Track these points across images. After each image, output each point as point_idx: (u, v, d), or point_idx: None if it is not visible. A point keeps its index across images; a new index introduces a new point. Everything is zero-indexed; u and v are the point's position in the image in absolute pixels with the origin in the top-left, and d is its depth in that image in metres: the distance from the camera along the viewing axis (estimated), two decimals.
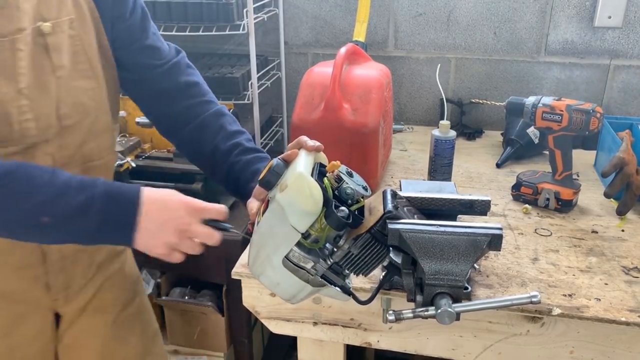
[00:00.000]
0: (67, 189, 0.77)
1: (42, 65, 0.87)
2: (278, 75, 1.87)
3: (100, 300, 1.07)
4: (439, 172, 1.35)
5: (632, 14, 1.65)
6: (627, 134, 1.33)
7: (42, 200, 0.75)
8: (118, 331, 1.10)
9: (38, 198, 0.75)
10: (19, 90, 0.83)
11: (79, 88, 0.92)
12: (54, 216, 0.76)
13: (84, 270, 1.02)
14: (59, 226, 0.77)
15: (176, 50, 1.07)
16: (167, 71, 1.03)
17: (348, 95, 1.26)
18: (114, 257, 1.10)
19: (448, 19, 1.78)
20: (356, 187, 0.79)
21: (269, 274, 0.78)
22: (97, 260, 1.05)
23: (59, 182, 0.77)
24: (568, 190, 1.24)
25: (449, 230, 0.74)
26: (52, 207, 0.76)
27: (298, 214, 0.73)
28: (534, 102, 1.23)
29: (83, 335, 1.06)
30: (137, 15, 1.01)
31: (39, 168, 0.78)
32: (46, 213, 0.75)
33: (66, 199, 0.76)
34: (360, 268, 0.77)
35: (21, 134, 0.84)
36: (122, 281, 1.12)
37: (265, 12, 1.74)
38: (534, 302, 0.73)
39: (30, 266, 0.94)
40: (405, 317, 0.76)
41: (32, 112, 0.85)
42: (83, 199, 0.76)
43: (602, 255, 1.07)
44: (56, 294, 0.99)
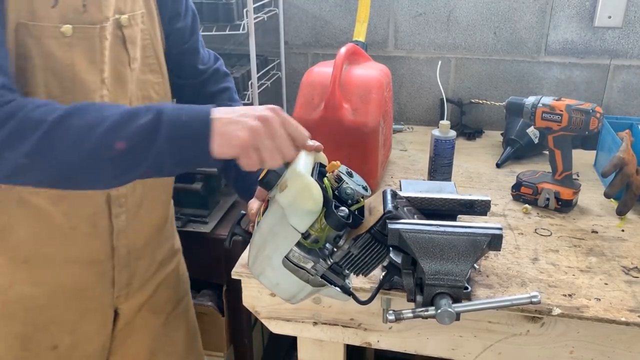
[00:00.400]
0: (135, 111, 0.72)
1: (120, 57, 0.89)
2: (278, 75, 1.87)
3: (156, 299, 1.10)
4: (439, 172, 1.35)
5: (632, 14, 1.65)
6: (627, 134, 1.33)
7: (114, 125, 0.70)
8: (167, 329, 1.14)
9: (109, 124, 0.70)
10: (102, 79, 0.85)
11: (147, 82, 0.94)
12: (128, 139, 0.70)
13: (147, 266, 1.05)
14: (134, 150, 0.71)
15: (215, 57, 1.11)
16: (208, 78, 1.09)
17: (348, 95, 1.26)
18: (171, 256, 1.13)
19: (448, 19, 1.78)
20: (356, 187, 0.79)
21: (268, 274, 0.78)
22: (158, 258, 1.08)
23: (126, 109, 0.73)
24: (568, 190, 1.24)
25: (449, 230, 0.74)
26: (124, 129, 0.70)
27: (298, 214, 0.73)
28: (533, 102, 1.23)
29: (136, 333, 1.09)
30: (189, 16, 1.04)
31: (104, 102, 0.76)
32: (120, 137, 0.70)
33: (136, 119, 0.71)
34: (360, 268, 0.77)
35: None
36: (176, 281, 1.15)
37: (265, 12, 1.74)
38: (534, 302, 0.73)
39: (100, 261, 0.96)
40: (405, 317, 0.76)
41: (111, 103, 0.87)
42: (152, 115, 0.71)
43: (602, 255, 1.07)
44: (119, 290, 1.01)
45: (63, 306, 0.96)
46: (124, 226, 0.97)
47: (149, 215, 1.02)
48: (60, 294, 0.94)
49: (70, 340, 0.98)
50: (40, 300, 0.93)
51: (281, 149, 0.73)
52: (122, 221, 0.96)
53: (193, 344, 1.24)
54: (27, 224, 0.87)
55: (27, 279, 0.91)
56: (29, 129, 0.69)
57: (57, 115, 0.70)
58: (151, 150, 0.71)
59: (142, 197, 0.99)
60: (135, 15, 0.91)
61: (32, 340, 0.95)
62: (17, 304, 0.92)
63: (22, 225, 0.87)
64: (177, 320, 1.17)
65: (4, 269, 0.90)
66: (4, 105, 0.70)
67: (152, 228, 1.05)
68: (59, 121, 0.70)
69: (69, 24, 0.80)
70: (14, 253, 0.89)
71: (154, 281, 1.08)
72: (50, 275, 0.92)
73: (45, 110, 0.71)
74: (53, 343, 0.96)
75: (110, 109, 0.72)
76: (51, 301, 0.94)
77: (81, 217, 0.91)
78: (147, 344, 1.12)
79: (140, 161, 0.72)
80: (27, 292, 0.92)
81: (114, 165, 0.71)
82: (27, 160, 0.69)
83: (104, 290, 0.99)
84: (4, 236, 0.87)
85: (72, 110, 0.71)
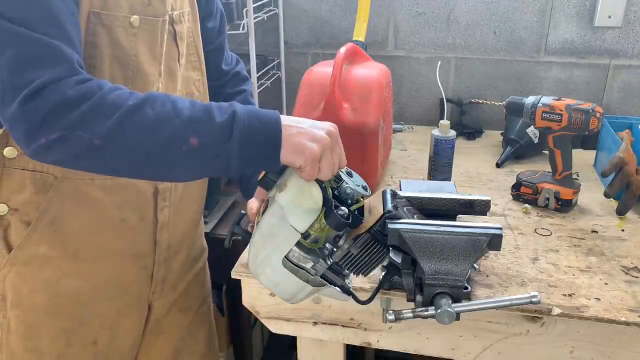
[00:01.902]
0: (209, 110, 0.72)
1: (172, 52, 0.90)
2: (278, 75, 1.87)
3: (186, 298, 1.12)
4: (439, 172, 1.35)
5: (632, 14, 1.65)
6: (627, 134, 1.33)
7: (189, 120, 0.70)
8: (193, 329, 1.15)
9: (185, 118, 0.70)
10: (160, 72, 0.87)
11: (191, 78, 0.96)
12: (202, 135, 0.70)
13: (182, 263, 1.06)
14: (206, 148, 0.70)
15: (237, 60, 1.13)
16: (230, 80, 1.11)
17: (348, 95, 1.26)
18: (201, 253, 1.16)
19: (448, 19, 1.78)
20: (356, 187, 0.79)
21: (268, 274, 0.78)
22: (192, 254, 1.09)
23: (201, 105, 0.73)
24: (568, 190, 1.24)
25: (449, 230, 0.74)
26: (199, 126, 0.70)
27: (298, 214, 0.73)
28: (534, 102, 1.23)
29: (165, 331, 1.10)
30: (219, 16, 1.07)
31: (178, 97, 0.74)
32: (193, 133, 0.70)
33: (211, 119, 0.71)
34: (360, 268, 0.77)
35: None
36: (203, 280, 1.18)
37: (265, 12, 1.74)
38: (534, 302, 0.73)
39: (143, 255, 0.97)
40: (405, 317, 0.76)
41: None
42: (226, 117, 0.71)
43: (602, 255, 1.07)
44: (155, 286, 1.02)
45: (106, 301, 0.96)
46: (166, 220, 0.98)
47: (187, 210, 1.04)
48: (105, 288, 0.95)
49: (109, 335, 0.98)
50: (87, 294, 0.94)
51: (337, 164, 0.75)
52: (165, 215, 0.97)
53: (213, 343, 1.25)
54: (80, 215, 0.88)
55: (76, 273, 0.91)
56: (107, 112, 0.68)
57: (135, 103, 0.69)
58: (223, 150, 0.71)
59: (183, 191, 1.00)
60: (184, 12, 0.92)
61: (76, 336, 0.95)
62: (65, 298, 0.92)
63: (75, 217, 0.87)
64: (201, 320, 1.18)
65: (55, 262, 0.90)
66: (82, 84, 0.69)
67: (190, 223, 1.07)
68: (137, 108, 0.69)
69: (137, 15, 0.81)
70: (65, 245, 0.89)
71: (186, 279, 1.10)
72: (97, 269, 0.93)
73: (122, 95, 0.70)
74: (94, 338, 0.97)
75: (184, 103, 0.72)
76: (97, 295, 0.95)
77: (131, 209, 0.92)
78: (173, 344, 1.13)
79: (210, 159, 0.71)
80: (75, 286, 0.92)
81: (185, 159, 0.71)
82: (100, 143, 0.68)
83: (143, 285, 1.00)
84: (57, 228, 0.87)
85: (149, 98, 0.70)
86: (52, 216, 0.86)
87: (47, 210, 0.85)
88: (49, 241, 0.88)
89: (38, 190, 0.84)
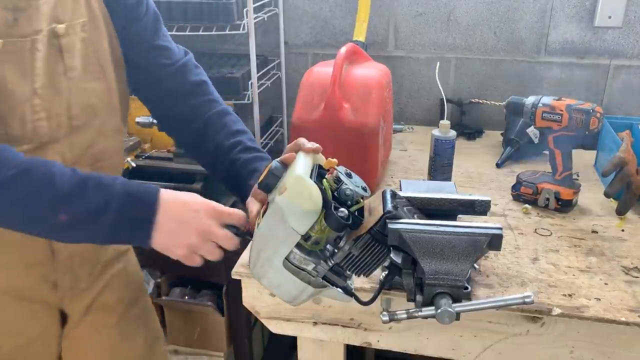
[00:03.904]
0: (85, 187, 0.77)
1: (55, 67, 0.88)
2: (278, 75, 1.87)
3: (106, 299, 1.07)
4: (439, 172, 1.35)
5: (632, 14, 1.65)
6: (627, 134, 1.33)
7: (60, 199, 0.75)
8: (123, 331, 1.11)
9: (56, 196, 0.75)
10: (33, 90, 0.85)
11: (89, 89, 0.93)
12: (72, 214, 0.76)
13: (90, 269, 1.03)
14: (75, 225, 0.77)
15: (185, 51, 1.10)
16: (176, 71, 1.05)
17: (348, 95, 1.26)
18: (118, 256, 1.10)
19: (448, 19, 1.78)
20: (355, 188, 0.79)
21: (270, 276, 0.78)
22: (102, 259, 1.05)
23: (77, 181, 0.77)
24: (568, 190, 1.24)
25: (449, 230, 0.74)
26: (69, 205, 0.76)
27: (298, 216, 0.73)
28: (534, 102, 1.23)
29: (88, 334, 1.06)
30: (150, 16, 1.03)
31: (58, 167, 0.78)
32: (63, 211, 0.75)
33: (84, 198, 0.76)
34: (361, 269, 0.77)
35: (34, 133, 0.85)
36: (126, 280, 1.12)
37: (265, 12, 1.74)
38: (527, 302, 0.72)
39: (39, 264, 0.94)
40: (399, 318, 0.76)
41: (44, 112, 0.86)
42: (101, 199, 0.77)
43: (602, 255, 1.07)
44: (62, 293, 0.99)
45: (5, 308, 0.94)
46: None
47: None
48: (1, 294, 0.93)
49: (13, 341, 0.96)
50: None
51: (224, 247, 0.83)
52: None
53: (155, 347, 1.19)
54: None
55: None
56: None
57: (12, 174, 0.73)
58: (92, 230, 0.78)
59: None
60: (74, 24, 0.89)
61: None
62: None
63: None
64: (133, 322, 1.13)
65: None
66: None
67: None
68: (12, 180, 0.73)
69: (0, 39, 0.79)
70: None
71: (101, 281, 1.06)
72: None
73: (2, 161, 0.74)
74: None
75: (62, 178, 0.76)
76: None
77: None
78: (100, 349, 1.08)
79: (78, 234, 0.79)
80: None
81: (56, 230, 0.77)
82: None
83: (46, 292, 0.97)
84: None
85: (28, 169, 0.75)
86: None
87: None
88: None
89: None
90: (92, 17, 0.92)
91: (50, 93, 0.87)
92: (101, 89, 0.95)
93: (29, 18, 0.82)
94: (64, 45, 0.88)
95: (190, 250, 0.81)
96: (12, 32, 0.81)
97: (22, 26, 0.82)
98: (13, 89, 0.82)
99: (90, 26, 0.92)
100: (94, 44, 0.93)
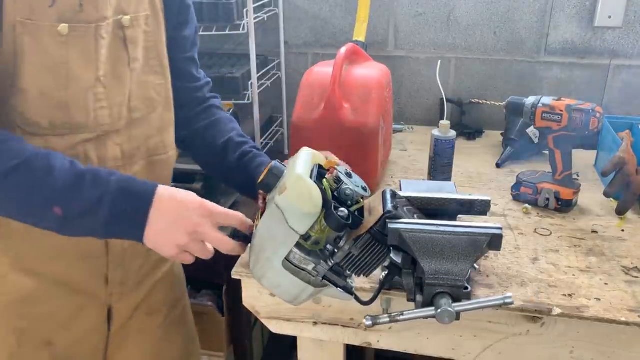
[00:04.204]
0: (81, 183, 0.77)
1: (119, 57, 0.89)
2: (278, 75, 1.87)
3: (153, 300, 1.09)
4: (439, 172, 1.35)
5: (632, 14, 1.65)
6: (627, 134, 1.33)
7: (56, 194, 0.76)
8: (166, 332, 1.13)
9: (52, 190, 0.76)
10: (97, 77, 0.86)
11: (149, 82, 0.95)
12: (66, 209, 0.76)
13: (141, 266, 1.04)
14: (70, 219, 0.77)
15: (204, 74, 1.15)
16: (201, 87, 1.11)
17: (348, 95, 1.26)
18: None
19: (448, 19, 1.78)
20: (355, 188, 0.79)
21: (270, 277, 0.78)
22: (153, 257, 1.07)
23: (75, 175, 0.78)
24: (568, 190, 1.24)
25: (449, 230, 0.74)
26: (64, 200, 0.76)
27: (297, 216, 0.73)
28: (533, 102, 1.23)
29: (134, 335, 1.08)
30: (193, 28, 1.07)
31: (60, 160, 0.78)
32: (58, 204, 0.76)
33: (80, 193, 0.77)
34: (361, 269, 0.77)
35: (95, 122, 0.87)
36: (172, 282, 1.15)
37: (265, 12, 1.74)
38: (507, 303, 0.72)
39: (93, 257, 0.95)
40: (381, 322, 0.76)
41: (107, 101, 0.88)
42: (96, 194, 0.77)
43: (602, 255, 1.07)
44: (112, 288, 1.00)
45: (57, 299, 0.95)
46: None
47: None
48: (53, 286, 0.94)
49: (66, 337, 0.97)
50: (34, 292, 0.93)
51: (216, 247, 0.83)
52: None
53: (193, 348, 1.23)
54: None
55: (19, 269, 0.91)
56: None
57: (10, 165, 0.74)
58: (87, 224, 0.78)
59: None
60: (138, 16, 0.91)
61: (28, 335, 0.94)
62: (12, 295, 0.92)
63: None
64: (176, 323, 1.16)
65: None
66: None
67: None
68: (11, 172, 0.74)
69: (66, 23, 0.81)
70: (8, 244, 0.89)
71: (149, 281, 1.08)
72: (42, 266, 0.92)
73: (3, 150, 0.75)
74: (48, 339, 0.96)
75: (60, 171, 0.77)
76: (45, 293, 0.94)
77: None
78: (144, 349, 1.10)
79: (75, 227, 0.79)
80: (20, 282, 0.92)
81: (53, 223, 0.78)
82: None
83: (97, 286, 0.98)
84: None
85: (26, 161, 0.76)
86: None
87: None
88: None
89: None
90: (154, 12, 0.95)
91: (113, 82, 0.89)
92: (159, 83, 0.97)
93: (94, 5, 0.84)
94: (128, 37, 0.90)
95: (179, 248, 0.81)
96: (78, 17, 0.82)
97: (88, 12, 0.83)
98: (78, 75, 0.84)
99: (152, 20, 0.94)
100: (155, 38, 0.95)
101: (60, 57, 0.82)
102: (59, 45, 0.81)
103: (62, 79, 0.82)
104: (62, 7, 0.80)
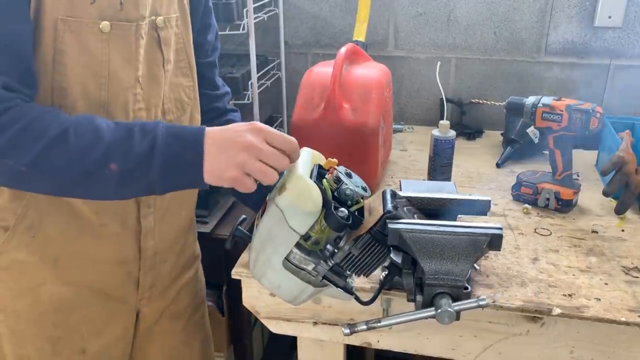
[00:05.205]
0: (131, 134, 0.75)
1: (155, 58, 0.90)
2: (278, 75, 1.87)
3: (177, 305, 1.10)
4: (439, 172, 1.35)
5: (632, 13, 1.65)
6: (627, 134, 1.33)
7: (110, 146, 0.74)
8: (187, 336, 1.14)
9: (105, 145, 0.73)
10: (137, 77, 0.86)
11: (180, 84, 0.96)
12: (121, 162, 0.74)
13: (170, 270, 1.05)
14: (127, 172, 0.74)
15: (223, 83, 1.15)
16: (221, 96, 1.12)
17: (348, 95, 1.26)
18: (192, 261, 1.14)
19: (448, 19, 1.78)
20: (355, 188, 0.79)
21: (269, 277, 0.78)
22: (180, 262, 1.08)
23: (122, 129, 0.76)
24: (568, 190, 1.24)
25: (449, 230, 0.74)
26: (118, 154, 0.74)
27: (297, 216, 0.73)
28: (534, 102, 1.23)
29: (157, 339, 1.09)
30: (214, 32, 1.07)
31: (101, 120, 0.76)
32: (113, 160, 0.73)
33: (131, 145, 0.74)
34: (361, 269, 0.77)
35: None
36: (195, 287, 1.16)
37: (265, 12, 1.74)
38: (481, 305, 0.72)
39: (127, 261, 0.96)
40: (359, 330, 0.77)
41: (144, 102, 0.88)
42: (147, 143, 0.74)
43: (602, 255, 1.07)
44: (142, 293, 1.01)
45: (91, 307, 0.95)
46: (151, 227, 0.97)
47: (175, 218, 1.03)
48: (88, 293, 0.94)
49: (98, 343, 0.98)
50: (70, 300, 0.93)
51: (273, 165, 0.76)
52: (149, 222, 0.96)
53: (208, 351, 1.24)
54: (57, 221, 0.87)
55: (56, 278, 0.91)
56: (30, 139, 0.71)
57: (57, 132, 0.72)
58: (144, 175, 0.75)
59: (170, 199, 0.98)
60: (170, 18, 0.91)
61: (63, 344, 0.94)
62: (47, 304, 0.92)
63: (53, 223, 0.87)
64: (195, 327, 1.17)
65: (33, 268, 0.89)
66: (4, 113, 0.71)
67: (178, 231, 1.05)
68: (59, 137, 0.72)
69: (107, 21, 0.80)
70: (43, 251, 0.89)
71: (176, 286, 1.09)
72: (79, 274, 0.92)
73: (46, 121, 0.73)
74: (82, 346, 0.96)
75: (106, 129, 0.75)
76: (80, 301, 0.94)
77: (111, 215, 0.91)
78: (166, 352, 1.11)
79: (133, 183, 0.76)
80: (57, 291, 0.91)
81: (110, 182, 0.75)
82: (26, 169, 0.72)
83: (129, 291, 0.99)
84: (35, 234, 0.87)
85: (72, 125, 0.74)
86: (30, 222, 0.86)
87: (24, 216, 0.86)
88: (27, 247, 0.87)
89: (14, 196, 0.85)
90: (182, 14, 0.95)
91: (150, 83, 0.89)
92: (188, 85, 0.97)
93: (134, 4, 0.83)
94: (162, 38, 0.90)
95: (240, 169, 0.75)
96: (119, 16, 0.82)
97: (128, 11, 0.83)
98: (119, 75, 0.83)
99: (181, 22, 0.95)
100: (184, 40, 0.96)
101: (102, 56, 0.81)
102: (100, 43, 0.81)
103: (103, 78, 0.82)
104: (103, 4, 0.80)
